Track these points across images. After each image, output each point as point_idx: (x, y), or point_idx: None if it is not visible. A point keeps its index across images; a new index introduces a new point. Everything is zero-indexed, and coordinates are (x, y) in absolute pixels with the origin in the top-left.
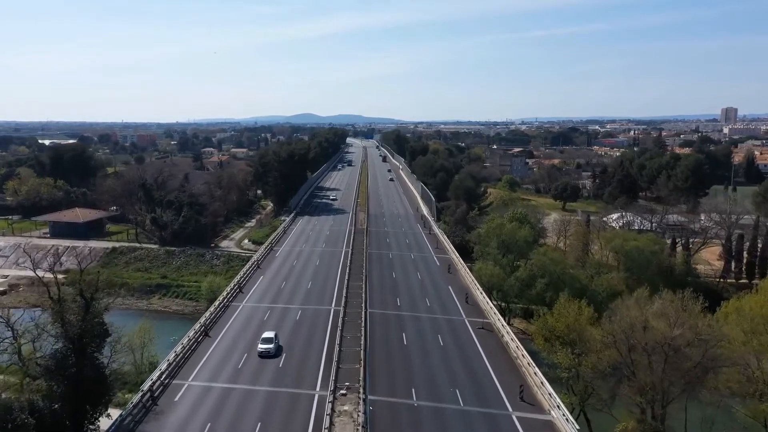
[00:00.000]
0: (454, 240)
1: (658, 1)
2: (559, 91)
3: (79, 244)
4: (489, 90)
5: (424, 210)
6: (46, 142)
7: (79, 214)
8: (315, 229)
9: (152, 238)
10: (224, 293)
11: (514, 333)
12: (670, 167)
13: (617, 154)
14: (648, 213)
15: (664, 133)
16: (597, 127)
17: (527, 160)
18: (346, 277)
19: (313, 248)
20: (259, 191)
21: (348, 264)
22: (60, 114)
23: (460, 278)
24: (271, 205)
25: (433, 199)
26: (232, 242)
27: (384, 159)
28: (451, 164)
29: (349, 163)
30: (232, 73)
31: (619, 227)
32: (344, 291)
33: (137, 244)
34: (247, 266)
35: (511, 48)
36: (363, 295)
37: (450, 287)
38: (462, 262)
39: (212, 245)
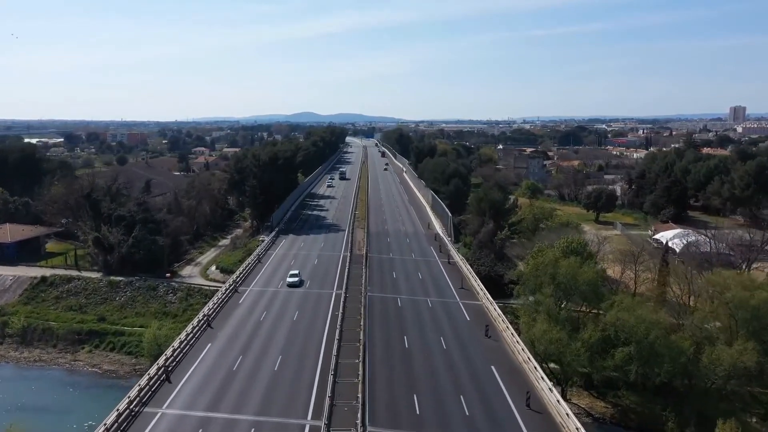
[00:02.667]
0: (480, 270)
1: (658, 0)
2: (560, 90)
3: (3, 271)
4: (489, 89)
5: (437, 227)
6: (34, 140)
7: (8, 232)
8: (300, 255)
9: (96, 263)
10: (137, 387)
11: (574, 413)
12: (722, 172)
13: (635, 154)
14: (701, 227)
15: (674, 133)
16: (604, 126)
17: (544, 162)
18: (335, 348)
19: (294, 288)
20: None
21: (339, 318)
22: (60, 113)
23: (505, 347)
24: (253, 219)
25: (449, 213)
26: (197, 268)
27: (383, 155)
28: (464, 168)
29: (342, 176)
30: (233, 73)
31: (682, 249)
32: (329, 380)
33: (76, 272)
34: (190, 327)
35: (511, 47)
36: (359, 393)
37: (494, 369)
38: (503, 317)
39: (168, 275)
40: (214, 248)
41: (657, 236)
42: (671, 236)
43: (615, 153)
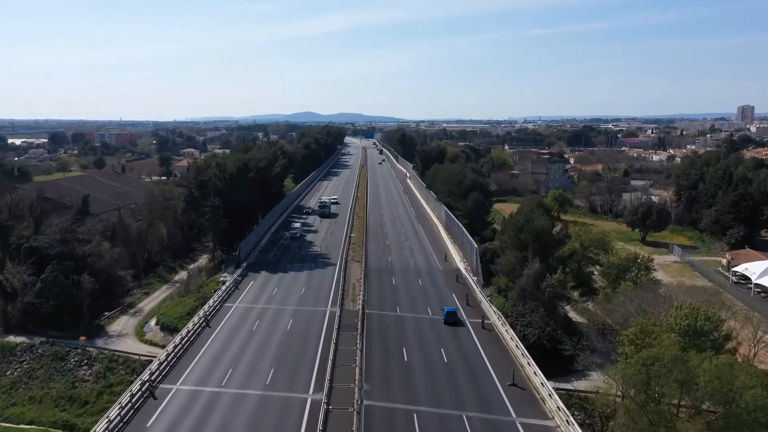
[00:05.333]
0: (525, 333)
1: (658, 0)
2: (561, 90)
3: None
4: (489, 89)
5: (457, 259)
6: (18, 141)
7: None
8: (268, 312)
9: None
10: None
11: None
12: None
13: (654, 156)
14: None
15: (685, 132)
16: (610, 125)
17: (565, 167)
18: None
19: (244, 387)
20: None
21: None
22: (59, 112)
23: None
24: (216, 249)
25: (474, 244)
26: (135, 319)
27: (380, 152)
28: (483, 179)
29: (324, 209)
30: (233, 72)
31: None
32: None
33: None
34: None
35: (512, 46)
36: None
37: None
38: None
39: (83, 338)
40: (168, 285)
41: (738, 268)
42: (762, 270)
43: (633, 155)
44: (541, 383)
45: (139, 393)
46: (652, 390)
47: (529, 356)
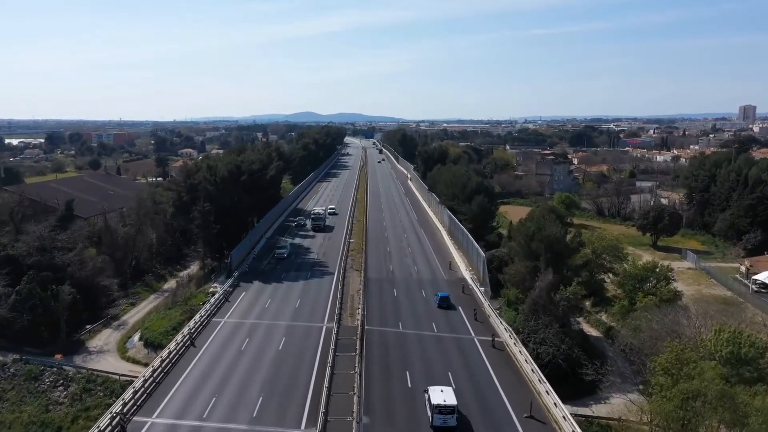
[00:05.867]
0: (539, 352)
1: (657, 0)
2: (560, 90)
3: None
4: (489, 89)
5: (462, 267)
6: (15, 141)
7: None
8: (259, 329)
9: None
10: None
11: None
12: None
13: (659, 157)
14: None
15: (687, 132)
16: (612, 125)
17: (570, 168)
18: None
19: (228, 421)
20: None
21: None
22: (58, 112)
23: None
24: (206, 256)
25: (482, 252)
26: (119, 333)
27: (380, 151)
28: (489, 182)
29: (318, 221)
30: (233, 72)
31: None
32: None
33: None
34: None
35: (512, 46)
36: None
37: None
38: None
39: (59, 355)
40: (157, 294)
41: (759, 276)
42: None
43: (637, 155)
44: (563, 417)
45: (109, 429)
46: (693, 428)
47: (546, 382)
